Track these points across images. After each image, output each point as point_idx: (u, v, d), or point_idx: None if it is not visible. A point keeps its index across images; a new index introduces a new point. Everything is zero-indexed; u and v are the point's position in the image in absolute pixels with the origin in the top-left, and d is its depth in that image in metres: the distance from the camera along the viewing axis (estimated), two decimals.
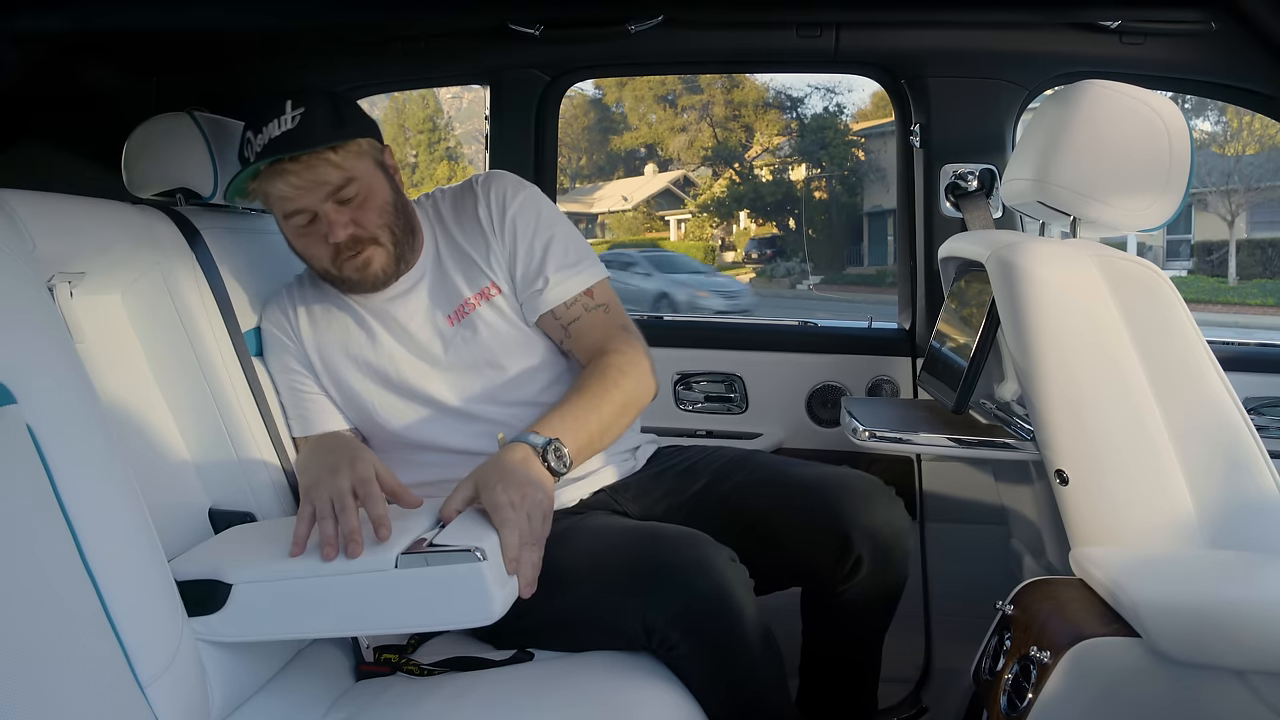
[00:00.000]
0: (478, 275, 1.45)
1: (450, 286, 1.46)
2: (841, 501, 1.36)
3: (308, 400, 1.47)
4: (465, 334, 1.44)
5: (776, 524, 1.36)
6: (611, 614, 1.24)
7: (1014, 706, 1.15)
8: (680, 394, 2.02)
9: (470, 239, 1.47)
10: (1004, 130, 1.85)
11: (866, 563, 1.35)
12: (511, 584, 1.11)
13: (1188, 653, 1.06)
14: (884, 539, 1.36)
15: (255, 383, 1.41)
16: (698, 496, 1.46)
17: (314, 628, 1.14)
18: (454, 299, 1.45)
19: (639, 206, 20.29)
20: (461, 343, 1.44)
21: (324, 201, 1.34)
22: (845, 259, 18.30)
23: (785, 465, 1.47)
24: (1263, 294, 13.74)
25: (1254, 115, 2.31)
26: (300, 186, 1.33)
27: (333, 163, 1.33)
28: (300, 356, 1.47)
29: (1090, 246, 1.29)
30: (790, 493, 1.40)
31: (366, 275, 1.40)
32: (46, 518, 0.85)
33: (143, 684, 0.91)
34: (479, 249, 1.46)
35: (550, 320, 1.45)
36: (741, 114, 19.73)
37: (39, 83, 1.72)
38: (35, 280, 0.97)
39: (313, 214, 1.36)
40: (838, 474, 1.42)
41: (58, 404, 0.90)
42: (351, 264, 1.38)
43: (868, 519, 1.35)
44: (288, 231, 1.40)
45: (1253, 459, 1.21)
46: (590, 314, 1.44)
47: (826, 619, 1.45)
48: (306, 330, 1.48)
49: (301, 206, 1.35)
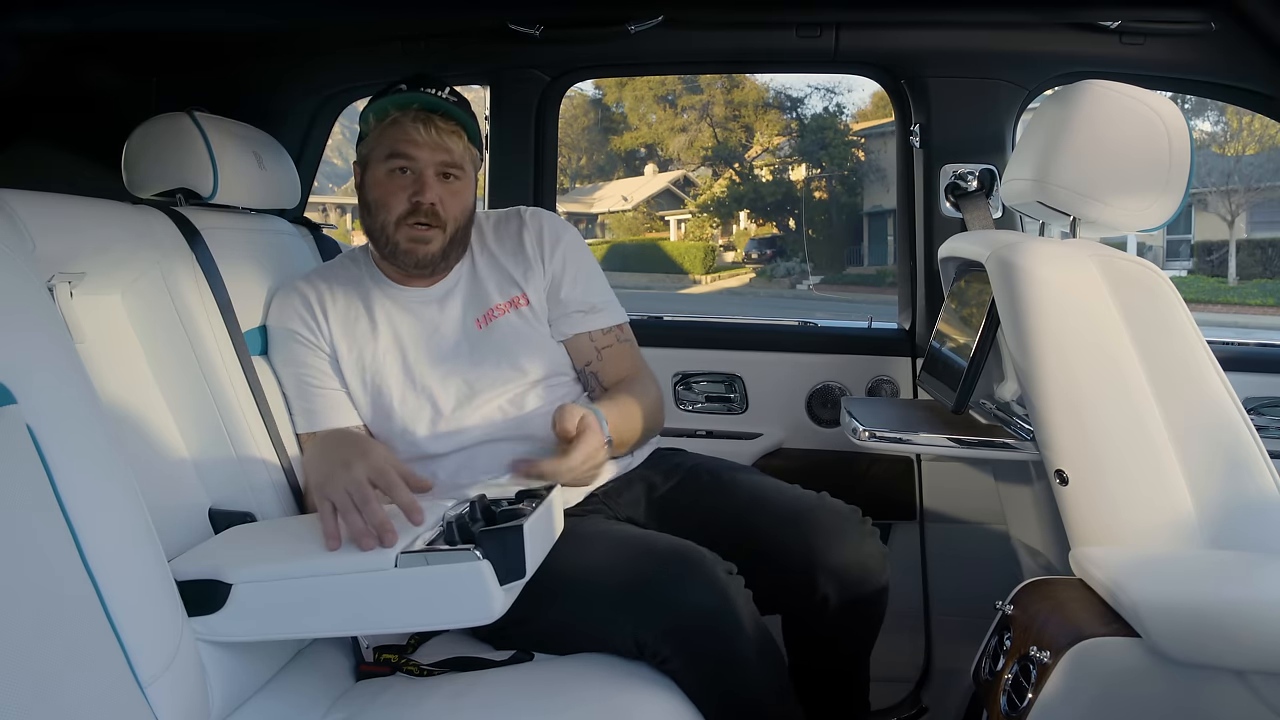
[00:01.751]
0: (510, 286, 1.52)
1: (482, 293, 1.52)
2: (809, 538, 1.36)
3: (317, 395, 1.46)
4: (491, 336, 1.49)
5: (748, 551, 1.35)
6: (603, 627, 1.26)
7: (1014, 706, 1.15)
8: (680, 394, 2.02)
9: (510, 257, 1.54)
10: (1004, 130, 1.85)
11: (834, 600, 1.36)
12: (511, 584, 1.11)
13: (1187, 653, 1.06)
14: (853, 577, 1.36)
15: (255, 383, 1.40)
16: (687, 508, 1.47)
17: (314, 627, 1.14)
18: (484, 304, 1.51)
19: (639, 206, 20.31)
20: (486, 344, 1.49)
21: (432, 165, 1.42)
22: (845, 259, 18.31)
23: (762, 492, 1.46)
24: (1263, 294, 13.75)
25: (1254, 115, 2.31)
26: (432, 140, 1.41)
27: (462, 145, 1.44)
28: (319, 348, 1.47)
29: (1090, 246, 1.29)
30: (761, 525, 1.40)
31: (417, 251, 1.44)
32: (46, 518, 0.85)
33: (143, 684, 0.91)
34: (518, 267, 1.53)
35: (585, 341, 1.54)
36: (741, 114, 19.75)
37: (39, 83, 1.72)
38: (35, 280, 0.97)
39: (414, 170, 1.42)
40: (810, 507, 1.41)
41: (58, 404, 0.90)
42: (413, 232, 1.43)
43: (836, 558, 1.35)
44: (378, 171, 1.43)
45: (1253, 459, 1.21)
46: (621, 345, 1.57)
47: (807, 640, 1.45)
48: (334, 320, 1.48)
49: (416, 155, 1.41)
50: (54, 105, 1.89)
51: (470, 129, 1.44)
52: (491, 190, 2.02)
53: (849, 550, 1.36)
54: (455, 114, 1.42)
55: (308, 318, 1.48)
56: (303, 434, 1.46)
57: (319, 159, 2.11)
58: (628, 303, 1.62)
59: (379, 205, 1.44)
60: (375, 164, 1.44)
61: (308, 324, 1.48)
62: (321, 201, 17.25)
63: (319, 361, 1.47)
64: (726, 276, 18.77)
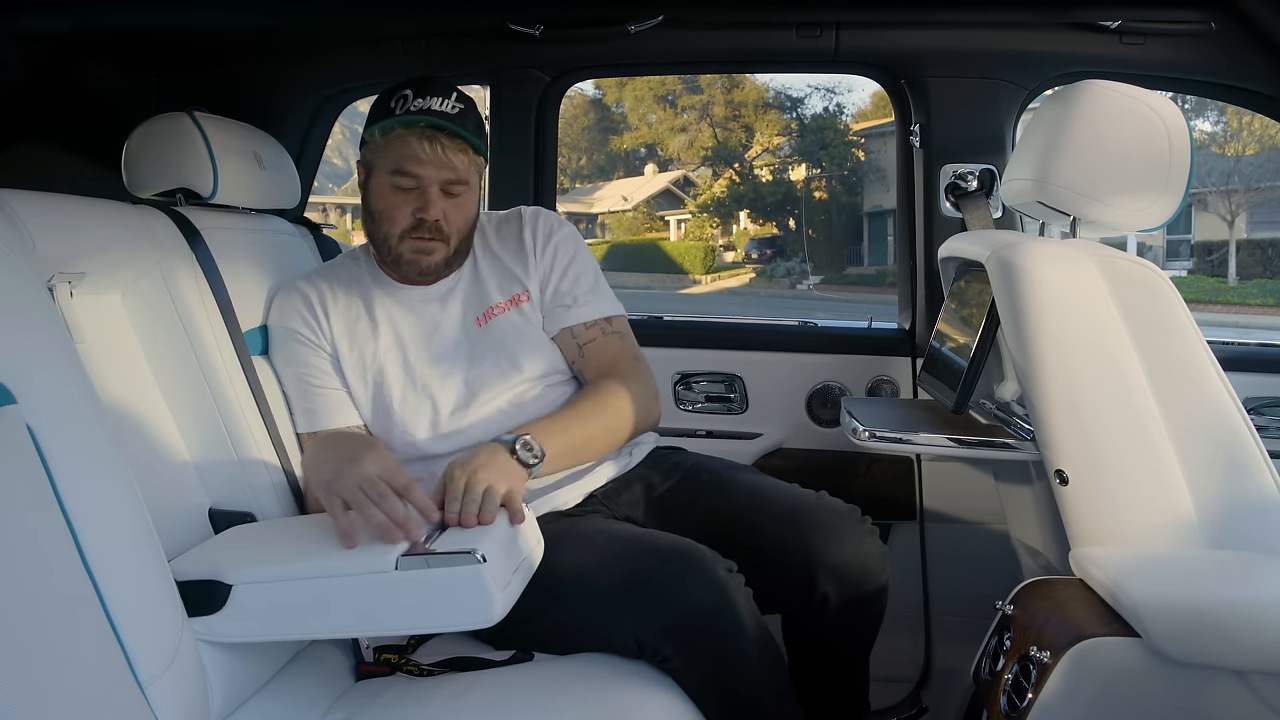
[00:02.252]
0: (511, 283, 1.53)
1: (483, 292, 1.52)
2: (808, 536, 1.36)
3: (319, 394, 1.46)
4: (490, 334, 1.50)
5: (748, 550, 1.35)
6: (603, 626, 1.26)
7: (1014, 706, 1.15)
8: (680, 394, 2.02)
9: (512, 255, 1.55)
10: (1004, 130, 1.85)
11: (834, 599, 1.35)
12: (512, 586, 1.11)
13: (1187, 653, 1.06)
14: (852, 576, 1.35)
15: (255, 383, 1.40)
16: (687, 507, 1.47)
17: (314, 629, 1.14)
18: (484, 303, 1.52)
19: (639, 206, 20.31)
20: (485, 342, 1.49)
21: (437, 182, 1.43)
22: (845, 259, 18.31)
23: (761, 491, 1.46)
24: (1263, 294, 13.76)
25: (1254, 115, 2.30)
26: (437, 158, 1.41)
27: (466, 159, 1.44)
28: (320, 347, 1.47)
29: (1090, 246, 1.29)
30: (760, 523, 1.40)
31: (420, 262, 1.45)
32: (46, 517, 0.85)
33: (143, 684, 0.91)
34: (519, 264, 1.54)
35: (568, 337, 1.53)
36: (741, 114, 19.75)
37: (39, 83, 1.72)
38: (35, 280, 0.97)
39: (419, 185, 1.42)
40: (809, 505, 1.40)
41: (58, 404, 0.90)
42: (416, 245, 1.44)
43: (835, 556, 1.35)
44: (381, 185, 1.44)
45: (1253, 459, 1.21)
46: (606, 338, 1.54)
47: (807, 639, 1.45)
48: (335, 319, 1.48)
49: (421, 173, 1.41)
50: (54, 105, 1.89)
51: (475, 144, 1.44)
52: (491, 190, 2.02)
53: (848, 549, 1.36)
54: (461, 133, 1.41)
55: (309, 317, 1.48)
56: (303, 433, 1.46)
57: (319, 159, 2.11)
58: (628, 303, 1.62)
59: (383, 216, 1.45)
60: (380, 174, 1.44)
61: (309, 324, 1.48)
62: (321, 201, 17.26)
63: (320, 361, 1.47)
64: (726, 276, 18.78)
